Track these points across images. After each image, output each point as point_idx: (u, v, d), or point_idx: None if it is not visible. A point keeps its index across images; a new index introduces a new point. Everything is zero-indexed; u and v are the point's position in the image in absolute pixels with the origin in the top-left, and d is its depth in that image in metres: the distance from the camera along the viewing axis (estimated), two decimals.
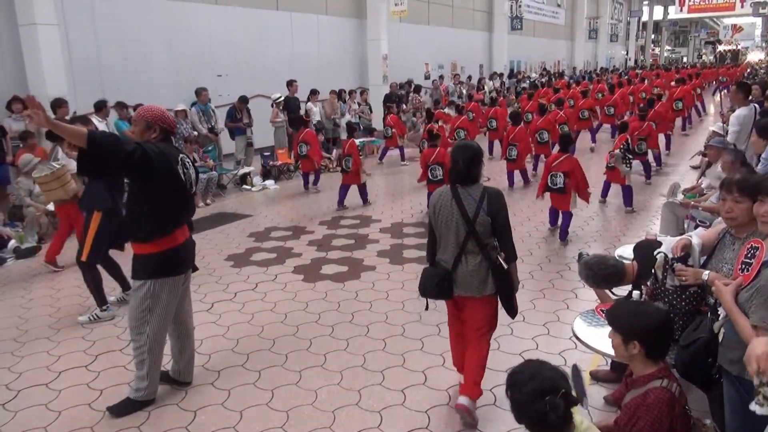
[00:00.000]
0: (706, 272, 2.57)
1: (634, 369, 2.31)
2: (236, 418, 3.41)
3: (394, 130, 12.09)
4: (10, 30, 8.94)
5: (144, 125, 3.34)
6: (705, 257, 2.77)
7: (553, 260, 5.93)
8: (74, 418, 3.45)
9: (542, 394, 1.87)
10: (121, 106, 9.37)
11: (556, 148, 7.46)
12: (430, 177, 7.50)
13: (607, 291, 3.58)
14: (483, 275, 3.25)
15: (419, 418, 3.36)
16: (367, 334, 4.43)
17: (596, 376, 3.72)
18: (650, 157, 9.92)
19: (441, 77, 19.09)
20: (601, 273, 3.30)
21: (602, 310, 3.22)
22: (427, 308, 3.57)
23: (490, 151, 12.58)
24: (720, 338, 2.38)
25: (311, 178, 10.00)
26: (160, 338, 3.48)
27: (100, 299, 4.88)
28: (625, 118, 11.15)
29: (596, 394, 3.55)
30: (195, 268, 3.82)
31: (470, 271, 3.24)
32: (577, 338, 3.17)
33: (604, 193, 8.28)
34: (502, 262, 3.34)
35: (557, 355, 4.03)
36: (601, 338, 2.97)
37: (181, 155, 3.44)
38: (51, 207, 6.64)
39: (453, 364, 3.76)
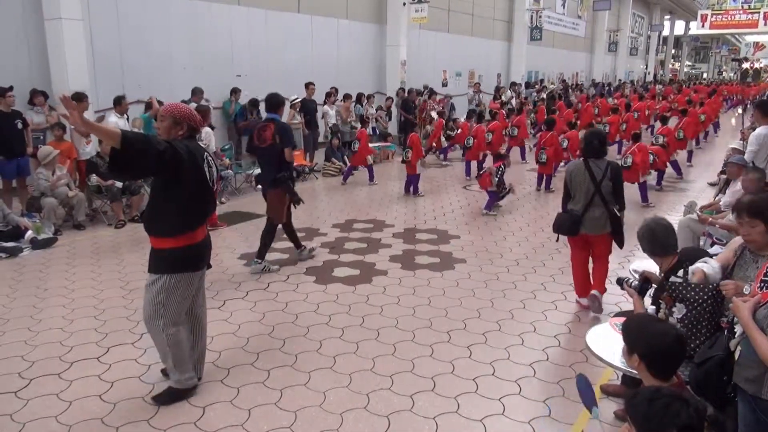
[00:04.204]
0: (747, 286, 2.53)
1: (645, 383, 2.29)
2: (244, 416, 3.42)
3: (474, 140, 11.25)
4: (35, 24, 9.08)
5: (171, 121, 3.36)
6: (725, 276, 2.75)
7: (566, 271, 5.89)
8: (85, 408, 3.48)
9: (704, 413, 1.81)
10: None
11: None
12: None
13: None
14: (603, 220, 4.71)
15: (427, 425, 3.34)
16: (378, 338, 4.43)
17: (607, 391, 3.69)
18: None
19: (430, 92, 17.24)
20: (660, 242, 3.29)
21: (616, 324, 3.20)
22: (557, 240, 5.27)
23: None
24: (736, 356, 2.35)
25: (363, 175, 10.82)
26: (175, 330, 3.49)
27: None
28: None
29: (607, 408, 3.52)
30: (209, 266, 3.85)
31: (595, 217, 4.70)
32: (590, 351, 3.15)
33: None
34: (617, 212, 4.72)
35: (568, 367, 4.01)
36: (613, 352, 2.96)
37: (205, 153, 3.45)
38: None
39: (576, 292, 5.09)
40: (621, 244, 4.88)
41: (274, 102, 5.86)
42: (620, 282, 3.47)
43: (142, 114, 9.42)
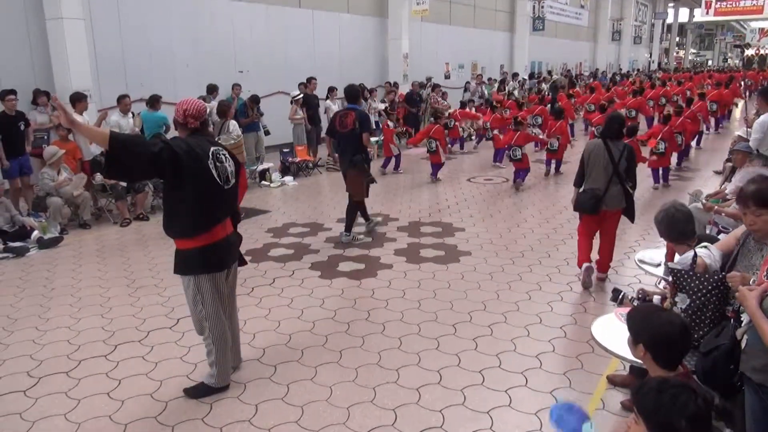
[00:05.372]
0: (754, 278, 2.50)
1: (651, 373, 2.28)
2: (251, 411, 3.44)
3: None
4: (37, 24, 9.10)
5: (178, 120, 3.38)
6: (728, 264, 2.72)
7: (572, 262, 5.87)
8: (93, 406, 3.51)
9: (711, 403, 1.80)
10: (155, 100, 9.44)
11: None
12: (512, 156, 9.50)
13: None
14: (620, 197, 5.12)
15: (434, 418, 3.35)
16: (383, 332, 4.43)
17: (614, 381, 3.68)
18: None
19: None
20: (679, 228, 3.27)
21: (621, 314, 3.18)
22: (581, 217, 5.41)
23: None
24: (743, 345, 2.33)
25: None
26: (220, 327, 3.55)
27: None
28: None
29: (613, 398, 3.52)
30: (243, 262, 3.92)
31: (614, 194, 5.10)
32: (596, 341, 3.14)
33: (657, 179, 9.48)
34: (629, 189, 5.14)
35: (574, 358, 4.00)
36: (619, 342, 2.94)
37: (213, 148, 3.36)
38: None
39: (578, 260, 5.37)
40: (632, 219, 5.32)
41: (353, 93, 6.88)
42: (616, 296, 3.42)
43: (143, 111, 9.43)
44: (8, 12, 8.89)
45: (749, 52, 50.74)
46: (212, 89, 10.73)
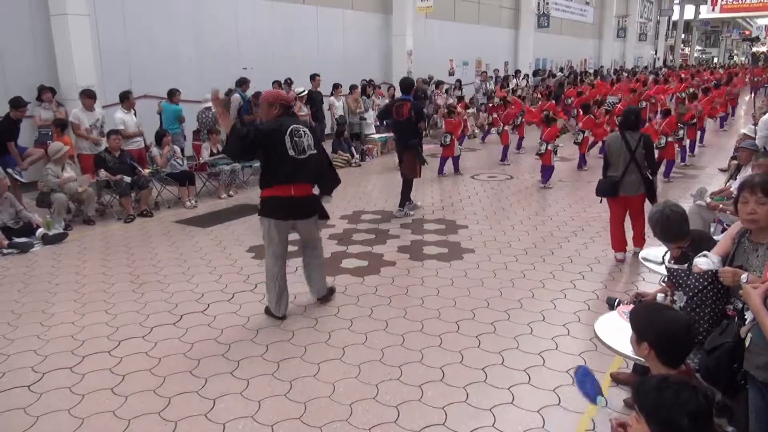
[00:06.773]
0: (745, 274, 2.48)
1: (653, 371, 2.27)
2: (254, 407, 3.44)
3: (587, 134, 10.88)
4: (42, 20, 9.11)
5: (267, 105, 4.33)
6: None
7: (575, 260, 5.87)
8: (97, 401, 3.52)
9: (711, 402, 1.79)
10: (172, 93, 9.69)
11: None
12: (540, 151, 9.57)
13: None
14: (638, 183, 5.60)
15: (436, 415, 3.35)
16: (386, 329, 4.43)
17: (617, 379, 3.67)
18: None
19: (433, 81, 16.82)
20: (674, 230, 3.25)
21: (623, 312, 3.17)
22: (601, 201, 6.17)
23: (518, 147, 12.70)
24: (747, 343, 2.32)
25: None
26: (269, 262, 4.53)
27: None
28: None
29: (616, 396, 3.51)
30: (324, 216, 4.75)
31: (630, 181, 5.59)
32: (599, 339, 3.13)
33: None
34: (649, 176, 5.61)
35: (577, 356, 4.00)
36: (622, 340, 2.94)
37: (293, 126, 4.28)
38: None
39: (612, 247, 5.93)
40: (652, 200, 5.61)
41: (407, 85, 7.74)
42: (611, 303, 3.39)
43: (163, 102, 9.57)
44: (13, 8, 8.91)
45: (756, 48, 50.46)
46: (242, 82, 10.85)
